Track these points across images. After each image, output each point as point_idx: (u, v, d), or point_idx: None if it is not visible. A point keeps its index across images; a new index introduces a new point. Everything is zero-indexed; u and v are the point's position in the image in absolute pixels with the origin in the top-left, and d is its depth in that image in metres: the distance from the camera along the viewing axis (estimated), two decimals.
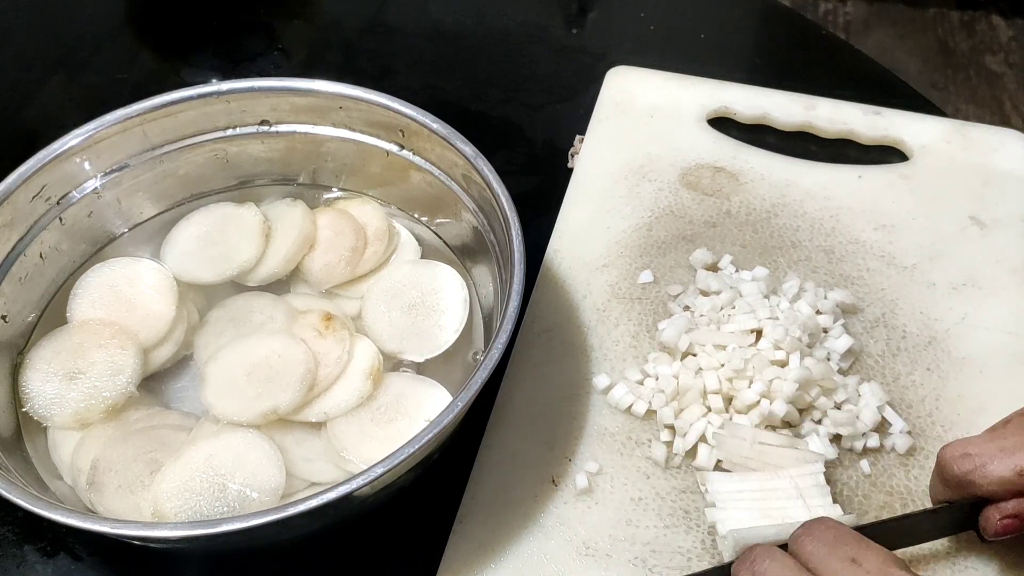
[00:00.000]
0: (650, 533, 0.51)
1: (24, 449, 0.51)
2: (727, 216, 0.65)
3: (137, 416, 0.52)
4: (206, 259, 0.58)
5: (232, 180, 0.62)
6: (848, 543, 0.41)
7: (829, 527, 0.42)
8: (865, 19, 1.91)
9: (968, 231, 0.64)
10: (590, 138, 0.70)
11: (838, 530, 0.42)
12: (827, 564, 0.40)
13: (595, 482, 0.52)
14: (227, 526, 0.41)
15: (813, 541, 0.42)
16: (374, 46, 0.81)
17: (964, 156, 0.68)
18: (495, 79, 0.78)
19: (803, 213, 0.65)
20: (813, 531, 0.42)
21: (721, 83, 0.73)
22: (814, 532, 0.42)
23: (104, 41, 0.82)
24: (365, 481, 0.42)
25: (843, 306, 0.59)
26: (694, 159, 0.69)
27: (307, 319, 0.55)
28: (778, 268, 0.62)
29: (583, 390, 0.56)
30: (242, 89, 0.59)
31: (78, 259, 0.59)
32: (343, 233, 0.59)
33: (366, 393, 0.52)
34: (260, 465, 0.49)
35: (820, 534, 0.42)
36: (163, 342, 0.55)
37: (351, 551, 0.52)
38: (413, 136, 0.58)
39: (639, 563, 0.49)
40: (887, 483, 0.53)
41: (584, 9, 0.84)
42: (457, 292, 0.57)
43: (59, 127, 0.56)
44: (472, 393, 0.45)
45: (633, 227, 0.65)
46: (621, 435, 0.54)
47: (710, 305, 0.58)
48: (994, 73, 1.81)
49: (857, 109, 0.71)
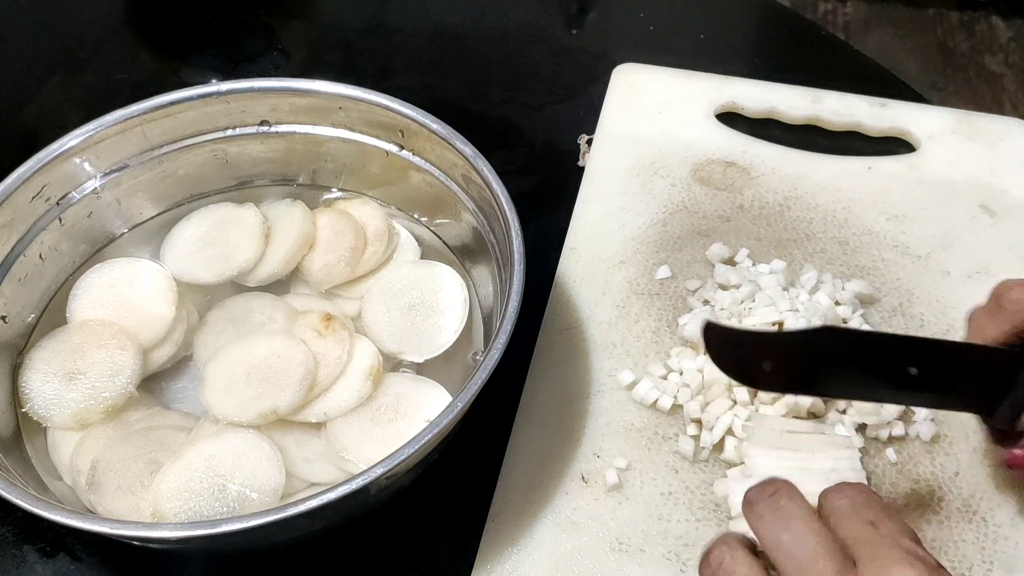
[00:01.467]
0: (682, 527, 0.51)
1: (24, 449, 0.51)
2: (740, 210, 0.66)
3: (137, 416, 0.52)
4: (206, 260, 0.58)
5: (232, 180, 0.62)
6: (873, 508, 0.41)
7: (862, 490, 0.42)
8: (865, 19, 1.91)
9: (978, 219, 0.65)
10: (599, 136, 0.71)
11: (869, 495, 0.42)
12: (847, 520, 0.40)
13: (624, 478, 0.53)
14: (227, 526, 0.41)
15: (841, 497, 0.42)
16: (374, 46, 0.81)
17: (970, 146, 0.69)
18: (495, 79, 0.78)
19: (815, 205, 0.66)
20: (844, 489, 0.42)
21: (728, 78, 0.73)
22: (845, 490, 0.42)
23: (104, 41, 0.82)
24: (365, 482, 0.42)
25: (861, 296, 0.60)
26: (704, 154, 0.69)
27: (307, 319, 0.55)
28: (794, 260, 0.63)
29: (607, 386, 0.57)
30: (242, 89, 0.59)
31: (78, 259, 0.59)
32: (343, 233, 0.59)
33: (366, 393, 0.52)
34: (260, 465, 0.49)
35: (851, 493, 0.42)
36: (163, 342, 0.55)
37: (351, 551, 0.52)
38: (413, 136, 0.58)
39: (673, 557, 0.50)
40: (914, 471, 0.53)
41: (584, 9, 0.84)
42: (457, 292, 0.57)
43: (59, 127, 0.56)
44: (472, 394, 0.45)
45: (648, 223, 0.65)
46: (648, 430, 0.55)
47: (730, 299, 0.58)
48: (994, 73, 1.81)
49: (863, 101, 0.71)
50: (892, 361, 0.47)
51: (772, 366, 0.46)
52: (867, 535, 0.39)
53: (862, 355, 0.47)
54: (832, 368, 0.47)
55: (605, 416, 0.56)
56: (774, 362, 0.46)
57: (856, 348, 0.47)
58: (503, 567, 0.50)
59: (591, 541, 0.51)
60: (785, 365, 0.46)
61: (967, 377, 0.48)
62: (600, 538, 0.51)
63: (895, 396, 0.49)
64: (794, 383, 0.47)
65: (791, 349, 0.46)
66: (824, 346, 0.46)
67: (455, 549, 0.51)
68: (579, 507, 0.52)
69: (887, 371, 0.47)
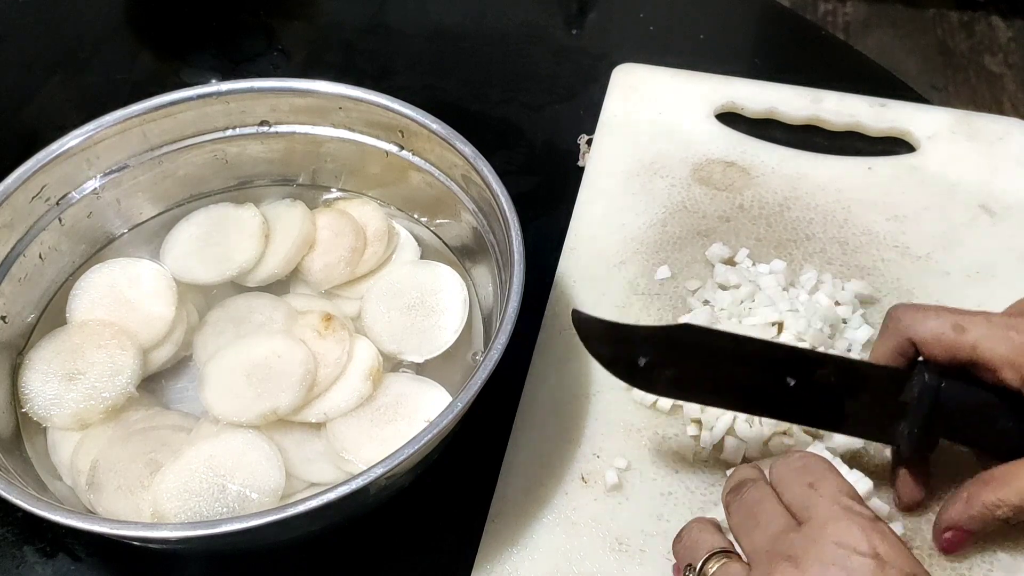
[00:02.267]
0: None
1: (23, 450, 0.51)
2: (740, 210, 0.66)
3: (137, 417, 0.52)
4: (206, 260, 0.58)
5: (232, 181, 0.62)
6: (812, 471, 0.42)
7: (801, 456, 0.44)
8: (865, 20, 1.91)
9: (979, 220, 0.65)
10: (599, 136, 0.71)
11: (807, 459, 0.43)
12: (789, 487, 0.42)
13: (624, 478, 0.53)
14: (227, 527, 0.41)
15: (783, 467, 0.43)
16: (374, 46, 0.81)
17: (970, 146, 0.69)
18: (495, 79, 0.78)
19: (815, 206, 0.66)
20: (787, 459, 0.44)
21: (728, 78, 0.73)
22: (787, 459, 0.44)
23: (104, 41, 0.82)
24: (365, 482, 0.42)
25: (861, 297, 0.60)
26: (704, 154, 0.69)
27: (307, 320, 0.55)
28: (794, 261, 0.63)
29: (607, 386, 0.57)
30: (242, 90, 0.59)
31: (78, 259, 0.59)
32: (343, 234, 0.59)
33: (366, 394, 0.52)
34: (260, 466, 0.49)
35: (791, 461, 0.43)
36: (163, 343, 0.55)
37: (351, 551, 0.52)
38: (413, 137, 0.58)
39: (673, 557, 0.50)
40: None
41: (584, 9, 0.84)
42: (457, 292, 0.57)
43: (59, 127, 0.56)
44: (472, 394, 0.45)
45: (648, 223, 0.65)
46: (648, 430, 0.55)
47: (730, 299, 0.58)
48: (994, 74, 1.81)
49: (863, 101, 0.71)
50: (769, 368, 0.47)
51: (646, 362, 0.47)
52: (807, 497, 0.40)
53: (735, 357, 0.47)
54: (709, 372, 0.47)
55: (605, 416, 0.55)
56: (648, 357, 0.46)
57: (727, 350, 0.47)
58: (503, 567, 0.50)
59: (591, 541, 0.51)
60: (659, 361, 0.47)
61: (849, 393, 0.48)
62: (600, 538, 0.51)
63: (775, 409, 0.49)
64: (670, 384, 0.48)
65: (661, 343, 0.47)
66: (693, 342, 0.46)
67: (455, 549, 0.51)
68: (579, 507, 0.52)
69: (765, 379, 0.47)
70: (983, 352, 0.46)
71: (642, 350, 0.47)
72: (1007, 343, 0.45)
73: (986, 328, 0.46)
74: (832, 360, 0.48)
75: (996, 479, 0.46)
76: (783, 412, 0.49)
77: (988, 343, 0.46)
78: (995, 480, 0.46)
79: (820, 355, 0.49)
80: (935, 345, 0.47)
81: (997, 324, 0.46)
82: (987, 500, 0.46)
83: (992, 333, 0.46)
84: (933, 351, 0.47)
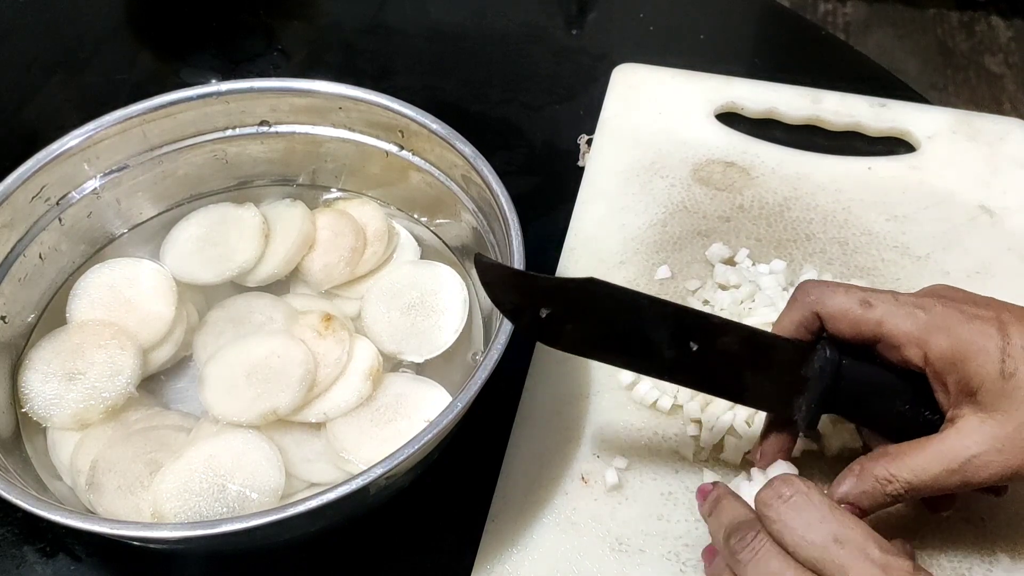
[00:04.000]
0: (681, 527, 0.51)
1: (23, 450, 0.51)
2: (740, 210, 0.66)
3: (137, 417, 0.52)
4: (205, 260, 0.58)
5: (231, 180, 0.62)
6: (827, 519, 0.40)
7: (794, 494, 0.42)
8: (865, 20, 1.91)
9: (978, 220, 0.65)
10: (599, 136, 0.71)
11: (808, 500, 0.41)
12: (805, 543, 0.40)
13: (624, 478, 0.53)
14: (226, 527, 0.41)
15: (788, 516, 0.41)
16: (374, 46, 0.81)
17: (970, 146, 0.69)
18: (495, 80, 0.78)
19: (815, 206, 0.66)
20: (781, 501, 0.42)
21: (728, 78, 0.74)
22: (782, 503, 0.42)
23: (104, 41, 0.82)
24: (365, 482, 0.42)
25: None
26: (704, 154, 0.69)
27: (307, 320, 0.55)
28: (794, 261, 0.63)
29: (607, 386, 0.57)
30: (242, 90, 0.59)
31: (78, 260, 0.59)
32: (343, 234, 0.59)
33: (366, 394, 0.52)
34: (259, 466, 0.49)
35: (792, 506, 0.41)
36: (162, 343, 0.55)
37: (351, 551, 0.52)
38: (413, 137, 0.58)
39: (672, 557, 0.50)
40: None
41: (584, 9, 0.84)
42: (457, 292, 0.57)
43: (59, 127, 0.56)
44: (471, 394, 0.45)
45: (648, 223, 0.65)
46: (647, 430, 0.55)
47: (730, 299, 0.59)
48: (994, 74, 1.81)
49: (863, 101, 0.71)
50: (673, 331, 0.46)
51: (548, 313, 0.45)
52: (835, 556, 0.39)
53: (639, 316, 0.46)
54: (612, 329, 0.46)
55: (605, 416, 0.55)
56: (550, 309, 0.45)
57: (631, 307, 0.46)
58: (503, 567, 0.50)
59: (591, 541, 0.51)
60: (562, 314, 0.45)
61: (751, 363, 0.47)
62: (600, 538, 0.51)
63: (677, 374, 0.48)
64: (573, 340, 0.46)
65: (564, 295, 0.45)
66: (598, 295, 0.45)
67: (455, 549, 0.51)
68: (579, 507, 0.52)
69: (668, 341, 0.46)
70: (888, 328, 0.45)
71: (545, 301, 0.45)
72: (912, 320, 0.45)
73: (893, 305, 0.45)
74: (736, 328, 0.47)
75: (890, 454, 0.45)
76: (685, 378, 0.48)
77: (894, 319, 0.45)
78: (888, 455, 0.45)
79: (725, 322, 0.47)
80: (841, 320, 0.46)
81: (904, 302, 0.46)
82: (879, 474, 0.44)
83: (898, 310, 0.45)
84: (839, 326, 0.46)
